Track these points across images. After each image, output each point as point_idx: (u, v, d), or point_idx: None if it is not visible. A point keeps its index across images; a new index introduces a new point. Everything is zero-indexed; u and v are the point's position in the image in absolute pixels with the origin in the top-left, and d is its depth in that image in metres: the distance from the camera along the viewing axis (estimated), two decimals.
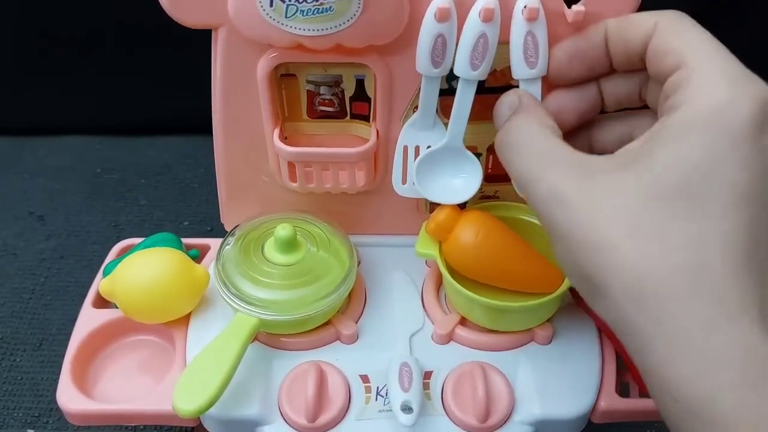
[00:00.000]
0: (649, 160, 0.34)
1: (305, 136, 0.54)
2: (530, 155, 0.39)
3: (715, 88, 0.34)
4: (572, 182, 0.36)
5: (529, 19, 0.45)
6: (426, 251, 0.51)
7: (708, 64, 0.35)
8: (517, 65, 0.46)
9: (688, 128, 0.33)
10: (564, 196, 0.35)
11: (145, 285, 0.48)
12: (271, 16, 0.44)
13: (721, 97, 0.33)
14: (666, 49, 0.37)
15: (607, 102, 0.45)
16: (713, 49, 0.36)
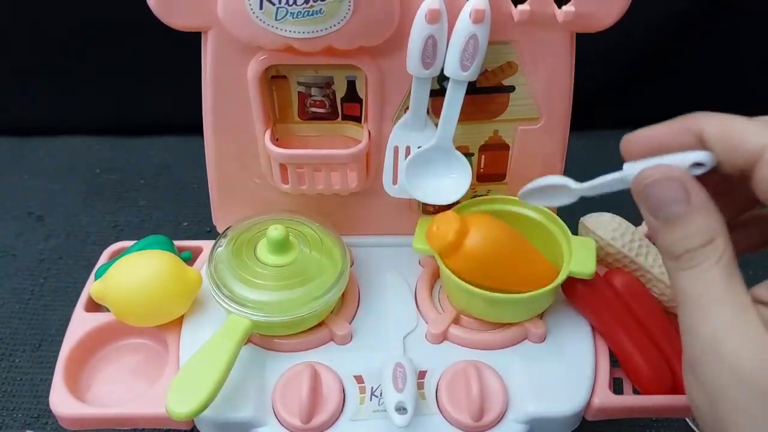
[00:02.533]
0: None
1: (297, 138, 0.54)
2: (717, 320, 0.34)
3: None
4: (755, 366, 0.33)
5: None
6: (424, 247, 0.51)
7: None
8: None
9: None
10: (744, 377, 0.33)
11: (137, 288, 0.48)
12: (261, 18, 0.44)
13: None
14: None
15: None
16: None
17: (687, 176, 0.36)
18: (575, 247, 0.50)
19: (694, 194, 0.36)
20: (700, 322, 0.34)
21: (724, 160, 0.36)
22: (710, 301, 0.34)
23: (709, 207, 0.35)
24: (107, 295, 0.49)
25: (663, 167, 0.37)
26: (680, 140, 0.38)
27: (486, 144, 0.54)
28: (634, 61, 0.89)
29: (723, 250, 0.35)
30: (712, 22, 0.86)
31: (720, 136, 0.36)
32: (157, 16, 0.46)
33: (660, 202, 0.36)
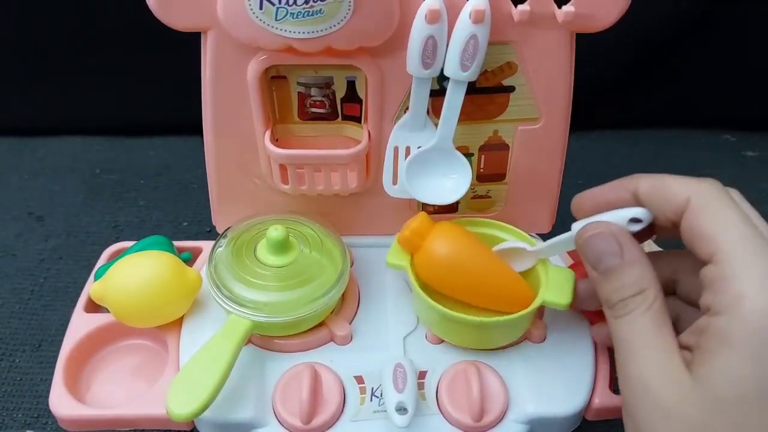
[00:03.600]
0: (702, 371, 0.35)
1: (296, 138, 0.54)
2: (645, 364, 0.37)
3: (755, 296, 0.34)
4: (679, 403, 0.36)
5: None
6: (397, 262, 0.51)
7: (745, 264, 0.35)
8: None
9: (732, 342, 0.34)
10: (670, 414, 0.36)
11: (136, 289, 0.48)
12: (261, 18, 0.44)
13: (762, 307, 0.34)
14: (700, 234, 0.37)
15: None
16: (749, 241, 0.36)
17: (621, 232, 0.41)
18: (552, 276, 0.49)
19: (626, 248, 0.40)
20: (631, 365, 0.38)
21: (657, 214, 0.40)
22: (640, 345, 0.38)
23: (641, 260, 0.40)
24: (107, 296, 0.49)
25: (601, 223, 0.41)
26: (620, 197, 0.42)
27: (486, 144, 0.54)
28: (634, 61, 0.89)
29: (653, 299, 0.38)
30: (712, 23, 0.86)
31: (651, 192, 0.41)
32: (156, 16, 0.46)
33: (597, 255, 0.41)
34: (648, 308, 0.38)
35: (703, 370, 0.35)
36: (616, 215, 0.41)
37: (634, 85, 0.92)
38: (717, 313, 0.35)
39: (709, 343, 0.35)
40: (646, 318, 0.38)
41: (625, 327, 0.39)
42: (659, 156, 0.92)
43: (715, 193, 0.38)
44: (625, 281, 0.39)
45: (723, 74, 0.91)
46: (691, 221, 0.38)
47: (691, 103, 0.93)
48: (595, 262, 0.41)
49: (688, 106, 0.94)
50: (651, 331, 0.38)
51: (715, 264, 0.36)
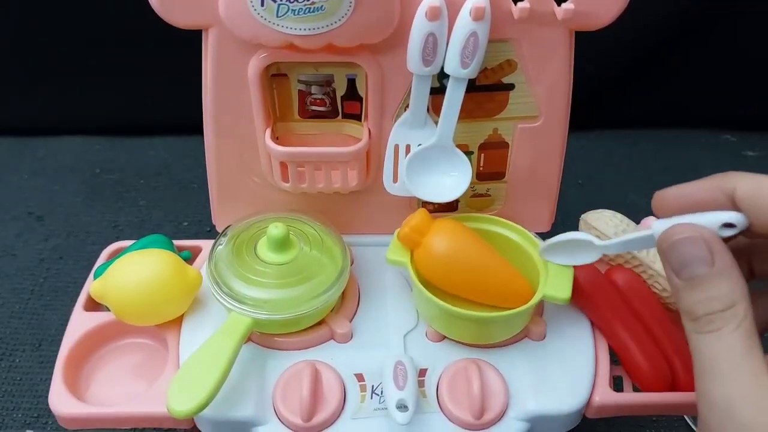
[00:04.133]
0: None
1: (297, 136, 0.54)
2: (734, 389, 0.34)
3: None
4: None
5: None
6: (397, 259, 0.50)
7: None
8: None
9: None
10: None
11: (136, 287, 0.48)
12: (263, 15, 0.44)
13: None
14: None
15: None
16: None
17: (714, 237, 0.36)
18: (552, 271, 0.49)
19: (718, 257, 0.35)
20: (717, 388, 0.34)
21: (755, 223, 0.36)
22: (727, 367, 0.34)
23: (732, 271, 0.35)
24: (107, 294, 0.49)
25: (690, 226, 0.37)
26: (712, 198, 0.37)
27: (486, 142, 0.54)
28: (634, 61, 0.90)
29: (743, 317, 0.34)
30: (712, 22, 0.87)
31: (753, 198, 0.36)
32: (158, 14, 0.46)
33: (683, 261, 0.36)
34: (738, 326, 0.34)
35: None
36: (707, 218, 0.37)
37: (634, 85, 0.92)
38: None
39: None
40: (735, 337, 0.34)
41: (712, 345, 0.35)
42: (659, 156, 0.92)
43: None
44: (713, 293, 0.35)
45: (723, 74, 0.91)
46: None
47: (691, 103, 0.93)
48: (680, 267, 0.36)
49: (688, 106, 0.94)
50: (740, 352, 0.34)
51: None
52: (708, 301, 0.35)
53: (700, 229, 0.36)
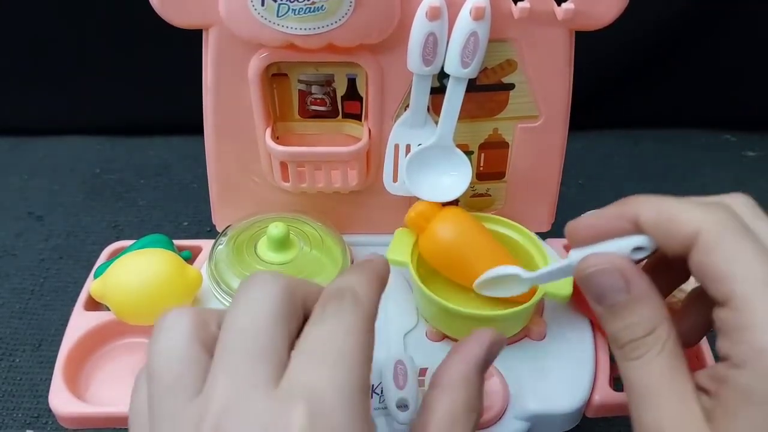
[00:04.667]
0: (724, 428, 0.32)
1: (297, 136, 0.54)
2: (662, 413, 0.34)
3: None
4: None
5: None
6: (397, 258, 0.50)
7: (765, 312, 0.32)
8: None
9: (755, 400, 0.31)
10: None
11: (137, 286, 0.48)
12: (263, 15, 0.45)
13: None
14: (713, 274, 0.34)
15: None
16: (765, 280, 0.32)
17: (627, 264, 0.37)
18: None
19: (634, 283, 0.36)
20: (645, 413, 0.34)
21: (663, 247, 0.36)
22: (653, 392, 0.34)
23: (650, 295, 0.36)
24: (107, 294, 0.49)
25: (603, 257, 0.37)
26: (619, 226, 0.38)
27: (486, 142, 0.54)
28: (634, 61, 0.90)
29: (665, 339, 0.35)
30: (712, 22, 0.87)
31: (655, 223, 0.36)
32: (158, 13, 0.46)
33: (601, 290, 0.37)
34: (661, 349, 0.35)
35: (725, 426, 0.32)
36: (617, 244, 0.38)
37: (634, 85, 0.92)
38: (737, 365, 0.32)
39: (730, 398, 0.32)
40: (661, 361, 0.35)
41: (638, 372, 0.35)
42: (659, 156, 0.92)
43: (728, 224, 0.34)
44: (633, 319, 0.36)
45: (723, 74, 0.91)
46: (702, 259, 0.34)
47: (691, 103, 0.93)
48: (599, 297, 0.37)
49: (688, 106, 0.94)
50: (666, 376, 0.34)
51: (732, 310, 0.32)
52: (630, 328, 0.36)
53: (613, 258, 0.37)
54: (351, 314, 0.33)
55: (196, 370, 0.32)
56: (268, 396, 0.30)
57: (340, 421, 0.29)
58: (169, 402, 0.31)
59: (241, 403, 0.29)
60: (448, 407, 0.36)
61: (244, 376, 0.30)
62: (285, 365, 0.31)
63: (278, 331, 0.32)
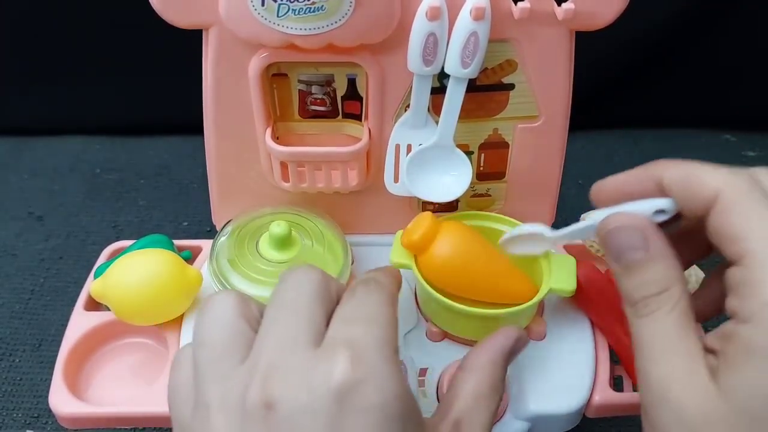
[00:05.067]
0: (729, 382, 0.33)
1: (297, 136, 0.54)
2: (668, 369, 0.35)
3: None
4: (702, 415, 0.33)
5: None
6: (401, 261, 0.49)
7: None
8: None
9: (759, 353, 0.32)
10: (693, 426, 0.33)
11: (137, 286, 0.48)
12: (263, 15, 0.45)
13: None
14: (728, 233, 0.34)
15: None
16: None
17: (647, 224, 0.37)
18: (555, 264, 0.49)
19: (652, 242, 0.37)
20: (652, 369, 0.35)
21: (683, 208, 0.37)
22: (662, 349, 0.35)
23: (666, 255, 0.37)
24: (107, 294, 0.49)
25: (625, 215, 0.38)
26: (644, 187, 0.39)
27: (486, 142, 0.54)
28: (634, 61, 0.90)
29: (678, 299, 0.35)
30: (712, 22, 0.86)
31: (678, 183, 0.37)
32: (158, 13, 0.46)
33: (620, 248, 0.38)
34: (672, 308, 0.35)
35: (728, 380, 0.32)
36: (640, 206, 0.38)
37: (634, 85, 0.92)
38: (743, 320, 0.33)
39: (736, 353, 0.33)
40: (671, 319, 0.35)
41: (648, 328, 0.36)
42: (659, 156, 0.91)
43: (748, 188, 0.35)
44: (648, 277, 0.36)
45: (723, 74, 0.91)
46: (719, 218, 0.35)
47: (691, 102, 0.93)
48: (618, 255, 0.38)
49: (688, 106, 0.94)
50: (675, 333, 0.35)
51: (743, 267, 0.33)
52: (644, 285, 0.36)
53: (634, 217, 0.38)
54: (377, 293, 0.38)
55: (242, 340, 0.35)
56: (311, 352, 0.33)
57: (378, 366, 0.33)
58: (219, 366, 0.34)
59: (287, 359, 0.33)
60: (474, 386, 0.39)
61: (287, 340, 0.34)
62: (323, 334, 0.35)
63: (317, 307, 0.36)
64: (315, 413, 0.31)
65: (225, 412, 0.33)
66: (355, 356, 0.32)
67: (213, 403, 0.33)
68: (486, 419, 0.39)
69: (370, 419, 0.31)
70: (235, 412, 0.32)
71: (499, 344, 0.42)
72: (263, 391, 0.32)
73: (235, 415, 0.32)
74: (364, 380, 0.32)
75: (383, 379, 0.32)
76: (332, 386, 0.31)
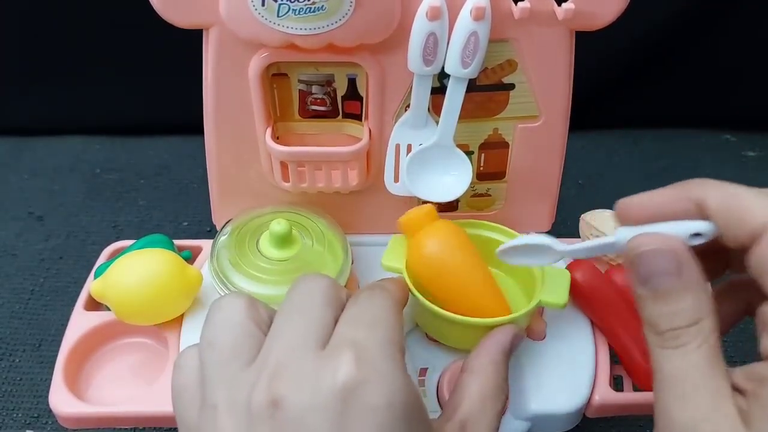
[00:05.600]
0: (762, 429, 0.31)
1: (297, 136, 0.54)
2: (697, 409, 0.33)
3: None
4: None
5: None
6: (392, 265, 0.49)
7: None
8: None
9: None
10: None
11: (137, 286, 0.48)
12: (263, 15, 0.45)
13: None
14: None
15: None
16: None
17: (683, 249, 0.35)
18: (549, 276, 0.48)
19: (686, 269, 0.34)
20: (678, 407, 0.33)
21: (725, 233, 0.35)
22: (690, 386, 0.33)
23: (699, 285, 0.34)
24: (107, 293, 0.49)
25: (660, 236, 0.35)
26: (680, 207, 0.36)
27: (486, 142, 0.54)
28: (634, 61, 0.90)
29: (709, 333, 0.33)
30: (712, 22, 0.87)
31: (723, 208, 0.35)
32: (159, 13, 0.46)
33: (650, 271, 0.35)
34: (702, 343, 0.33)
35: (762, 427, 0.31)
36: (676, 227, 0.35)
37: (634, 85, 0.92)
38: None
39: (763, 405, 0.31)
40: (701, 354, 0.33)
41: (675, 362, 0.33)
42: (659, 156, 0.92)
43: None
44: (679, 306, 0.34)
45: (723, 74, 0.91)
46: (765, 253, 0.33)
47: (691, 103, 0.93)
48: (647, 279, 0.35)
49: (688, 106, 0.94)
50: (704, 371, 0.33)
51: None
52: (673, 315, 0.34)
53: (669, 239, 0.35)
54: (381, 297, 0.38)
55: (251, 342, 0.35)
56: (318, 353, 0.34)
57: (382, 366, 0.33)
58: (227, 368, 0.34)
59: (294, 359, 0.33)
60: (479, 388, 0.40)
61: (296, 342, 0.34)
62: (331, 337, 0.35)
63: (326, 312, 0.36)
64: (321, 412, 0.31)
65: (232, 413, 0.33)
66: (360, 356, 0.33)
67: (220, 403, 0.33)
68: (492, 420, 0.39)
69: (376, 418, 0.32)
70: (243, 413, 0.33)
71: (498, 343, 0.43)
72: (270, 391, 0.32)
73: (243, 415, 0.32)
74: (369, 379, 0.32)
75: (388, 378, 0.33)
76: (337, 385, 0.32)
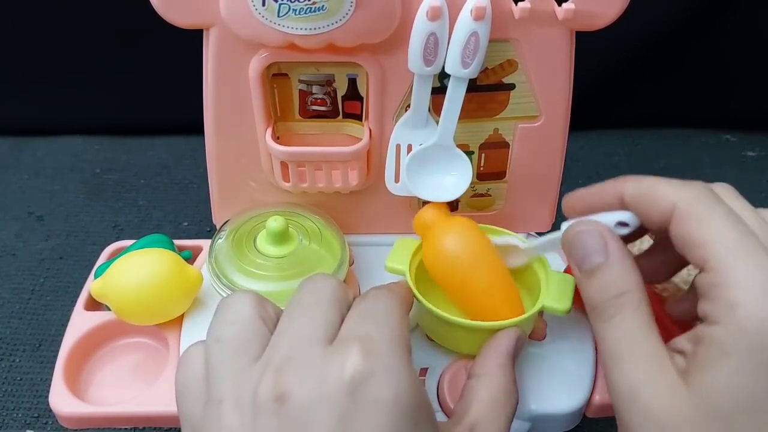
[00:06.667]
0: (699, 381, 0.34)
1: (297, 136, 0.54)
2: (636, 371, 0.35)
3: (749, 303, 0.33)
4: (673, 414, 0.34)
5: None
6: (397, 267, 0.49)
7: (737, 270, 0.34)
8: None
9: (728, 351, 0.33)
10: (664, 425, 0.34)
11: (137, 286, 0.48)
12: (264, 15, 0.45)
13: (758, 316, 0.32)
14: (690, 241, 0.36)
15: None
16: (740, 244, 0.34)
17: (608, 231, 0.39)
18: (553, 282, 0.48)
19: (611, 246, 0.38)
20: (618, 375, 0.36)
21: (644, 220, 0.39)
22: (629, 351, 0.36)
23: (625, 259, 0.38)
24: (107, 293, 0.49)
25: (586, 221, 0.40)
26: (607, 201, 0.41)
27: (486, 142, 0.54)
28: (634, 61, 0.90)
29: (638, 302, 0.37)
30: (712, 22, 0.86)
31: (636, 196, 0.39)
32: (159, 13, 0.46)
33: (582, 252, 0.39)
34: (635, 311, 0.36)
35: (699, 380, 0.33)
36: (603, 217, 0.40)
37: (634, 85, 0.92)
38: (713, 322, 0.34)
39: (706, 353, 0.34)
40: (634, 321, 0.36)
41: (612, 331, 0.37)
42: (660, 156, 0.92)
43: (701, 196, 0.36)
44: (608, 280, 0.38)
45: (723, 74, 0.91)
46: (680, 228, 0.36)
47: (691, 103, 0.93)
48: (580, 260, 0.39)
49: (688, 106, 0.94)
50: (639, 335, 0.36)
51: (708, 271, 0.34)
52: (603, 288, 0.38)
53: (596, 224, 0.40)
54: (387, 297, 0.39)
55: (258, 339, 0.36)
56: (325, 348, 0.34)
57: (389, 360, 0.34)
58: (234, 363, 0.35)
59: (301, 354, 0.34)
60: (488, 392, 0.41)
61: (302, 338, 0.35)
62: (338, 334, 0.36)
63: (333, 310, 0.37)
64: (327, 405, 0.32)
65: (238, 407, 0.33)
66: (367, 350, 0.33)
67: (226, 398, 0.34)
68: (503, 425, 0.40)
69: (381, 412, 0.32)
70: (248, 407, 0.33)
71: (504, 347, 0.43)
72: (276, 385, 0.32)
73: (248, 409, 0.33)
74: (376, 373, 0.33)
75: (395, 373, 0.33)
76: (344, 378, 0.32)
